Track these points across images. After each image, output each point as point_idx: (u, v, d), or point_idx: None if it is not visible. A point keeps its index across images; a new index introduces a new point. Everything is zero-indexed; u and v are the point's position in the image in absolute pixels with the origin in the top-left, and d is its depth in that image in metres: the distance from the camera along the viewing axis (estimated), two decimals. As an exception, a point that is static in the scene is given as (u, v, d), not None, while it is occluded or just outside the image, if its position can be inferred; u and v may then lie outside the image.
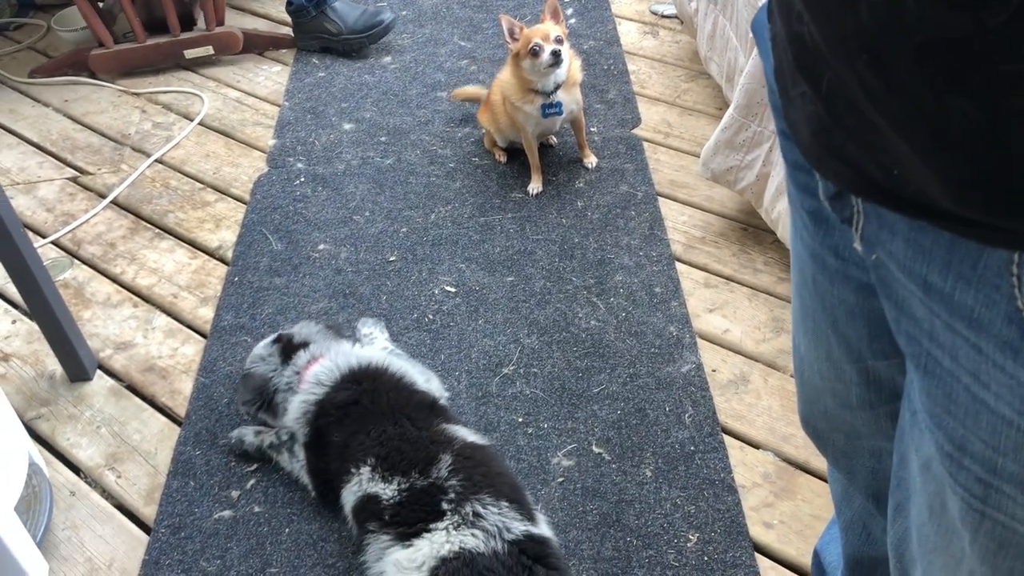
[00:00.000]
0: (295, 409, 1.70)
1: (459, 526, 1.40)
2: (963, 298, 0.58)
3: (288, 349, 1.82)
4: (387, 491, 1.48)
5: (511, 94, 2.38)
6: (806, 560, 1.58)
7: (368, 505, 1.50)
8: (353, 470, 1.55)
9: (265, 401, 1.78)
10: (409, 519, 1.44)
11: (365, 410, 1.62)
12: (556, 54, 2.25)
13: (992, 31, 0.46)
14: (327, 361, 1.74)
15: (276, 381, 1.78)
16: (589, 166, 2.54)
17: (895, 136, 0.55)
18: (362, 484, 1.52)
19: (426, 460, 1.50)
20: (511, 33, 2.30)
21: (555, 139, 2.65)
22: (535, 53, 2.26)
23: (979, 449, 0.62)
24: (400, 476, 1.49)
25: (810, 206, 0.80)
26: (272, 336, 1.90)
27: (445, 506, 1.43)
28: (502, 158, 2.59)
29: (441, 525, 1.41)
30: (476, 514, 1.41)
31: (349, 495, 1.55)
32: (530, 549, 1.40)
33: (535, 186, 2.47)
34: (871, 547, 1.08)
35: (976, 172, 0.52)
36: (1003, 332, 0.56)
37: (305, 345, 1.82)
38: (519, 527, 1.42)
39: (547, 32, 2.27)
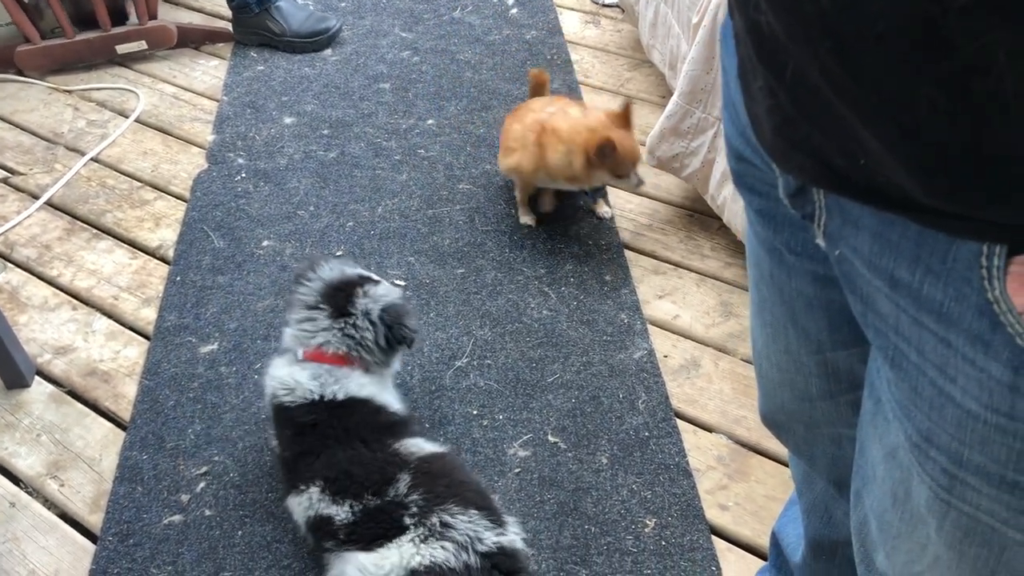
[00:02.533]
0: (273, 377, 1.61)
1: (427, 538, 1.35)
2: (932, 292, 0.58)
3: (339, 303, 1.63)
4: (340, 512, 1.43)
5: (566, 167, 2.13)
6: (762, 540, 1.60)
7: (322, 525, 1.45)
8: (302, 487, 1.49)
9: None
10: (366, 536, 1.39)
11: (321, 433, 1.54)
12: (639, 185, 2.13)
13: (955, 13, 0.44)
14: (315, 381, 1.57)
15: (307, 297, 1.64)
16: (604, 216, 2.34)
17: (861, 125, 0.54)
18: (312, 503, 1.47)
19: (381, 481, 1.44)
20: (602, 152, 2.03)
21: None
22: (622, 176, 2.10)
23: (945, 441, 0.62)
24: (352, 499, 1.43)
25: (758, 205, 0.80)
26: (357, 271, 1.70)
27: (408, 520, 1.38)
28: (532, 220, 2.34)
29: (406, 538, 1.36)
30: (444, 524, 1.36)
31: (298, 507, 1.50)
32: (502, 564, 1.36)
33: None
34: (832, 530, 1.09)
35: (944, 160, 0.51)
36: (973, 325, 0.56)
37: (348, 321, 1.62)
38: (491, 538, 1.37)
39: (638, 157, 2.11)
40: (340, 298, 1.63)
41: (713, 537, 1.61)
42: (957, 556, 0.68)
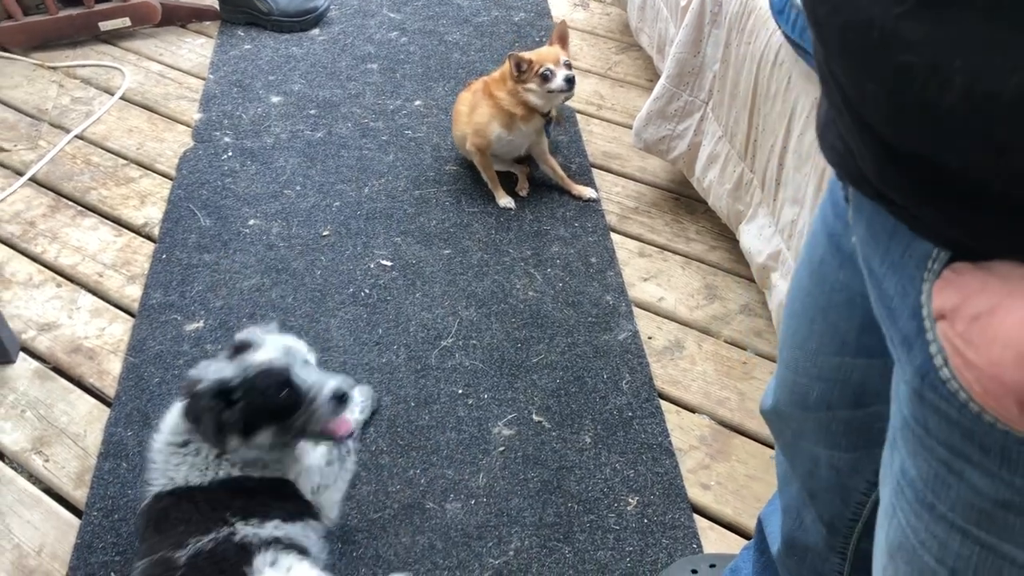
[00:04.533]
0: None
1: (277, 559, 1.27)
2: (888, 286, 0.59)
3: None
4: None
5: (501, 110, 2.24)
6: (743, 519, 1.62)
7: None
8: None
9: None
10: None
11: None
12: (571, 81, 2.16)
13: (895, 18, 0.46)
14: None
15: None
16: (591, 198, 2.34)
17: (841, 115, 0.56)
18: None
19: None
20: (519, 67, 2.18)
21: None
22: (545, 78, 2.17)
23: (900, 446, 0.63)
24: None
25: (843, 190, 0.80)
26: (218, 379, 1.34)
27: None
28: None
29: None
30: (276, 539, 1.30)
31: None
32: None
33: (507, 200, 2.34)
34: (803, 533, 1.09)
35: (889, 156, 0.52)
36: (906, 326, 0.56)
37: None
38: (270, 531, 1.31)
39: (557, 56, 2.20)
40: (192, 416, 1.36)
41: (695, 515, 1.63)
42: (892, 566, 0.68)
